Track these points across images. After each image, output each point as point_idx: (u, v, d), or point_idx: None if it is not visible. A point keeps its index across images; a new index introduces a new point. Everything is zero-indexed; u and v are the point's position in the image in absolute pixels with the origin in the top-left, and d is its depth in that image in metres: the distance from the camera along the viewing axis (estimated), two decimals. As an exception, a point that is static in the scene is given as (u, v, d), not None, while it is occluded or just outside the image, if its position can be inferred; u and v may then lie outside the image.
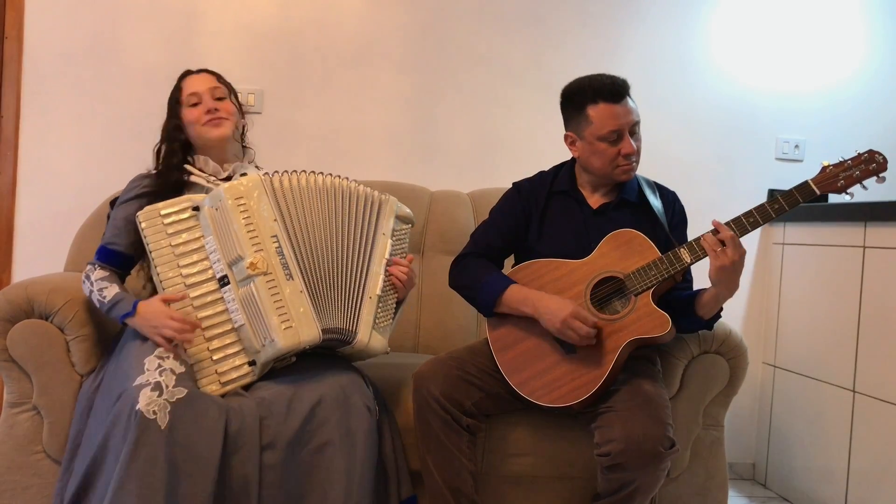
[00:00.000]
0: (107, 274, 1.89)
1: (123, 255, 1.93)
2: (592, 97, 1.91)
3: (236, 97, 2.13)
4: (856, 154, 1.80)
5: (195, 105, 2.03)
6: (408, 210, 2.07)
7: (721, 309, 1.90)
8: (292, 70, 2.95)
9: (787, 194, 1.80)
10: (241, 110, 2.15)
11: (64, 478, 1.78)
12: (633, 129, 1.93)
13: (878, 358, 2.43)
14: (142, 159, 2.23)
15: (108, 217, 2.02)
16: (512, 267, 2.04)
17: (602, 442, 1.74)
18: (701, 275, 2.00)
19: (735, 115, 3.18)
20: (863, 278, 2.52)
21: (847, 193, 1.79)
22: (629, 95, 1.94)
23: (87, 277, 1.88)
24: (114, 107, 2.85)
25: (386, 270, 1.93)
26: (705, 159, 3.16)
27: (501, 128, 3.07)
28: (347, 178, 1.97)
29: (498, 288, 1.92)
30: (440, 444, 1.84)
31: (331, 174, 1.95)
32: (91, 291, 1.86)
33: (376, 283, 1.90)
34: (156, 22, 2.87)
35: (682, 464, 2.08)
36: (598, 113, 1.91)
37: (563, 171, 2.08)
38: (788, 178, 3.21)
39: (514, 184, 2.12)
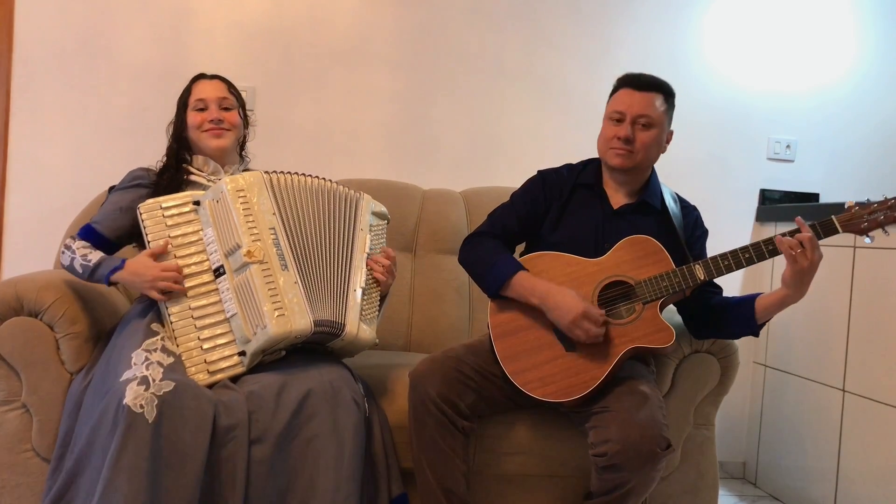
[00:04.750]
0: (89, 244, 1.92)
1: (104, 237, 1.95)
2: (621, 83, 2.00)
3: (244, 108, 2.15)
4: (883, 198, 1.76)
5: (201, 110, 2.06)
6: (382, 207, 2.12)
7: (771, 317, 1.88)
8: (284, 68, 2.94)
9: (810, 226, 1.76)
10: (247, 121, 2.18)
11: (53, 477, 1.76)
12: (639, 120, 1.93)
13: (868, 358, 2.45)
14: (133, 156, 2.22)
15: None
16: (521, 255, 2.03)
17: (598, 442, 1.73)
18: (728, 282, 1.99)
19: (727, 115, 3.19)
20: (853, 278, 2.53)
21: (868, 237, 1.76)
22: (661, 95, 1.95)
23: (68, 247, 1.91)
24: (105, 104, 2.84)
25: (367, 264, 1.98)
26: (697, 159, 3.17)
27: (494, 126, 3.07)
28: (327, 179, 2.01)
29: (508, 271, 1.91)
30: (435, 444, 1.83)
31: (315, 176, 2.00)
32: (73, 259, 1.88)
33: (360, 276, 1.95)
34: (147, 18, 2.85)
35: (673, 463, 2.08)
36: (616, 95, 1.99)
37: (592, 166, 2.08)
38: (780, 178, 3.23)
39: (539, 171, 2.11)
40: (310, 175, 1.99)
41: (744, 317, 1.87)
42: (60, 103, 2.81)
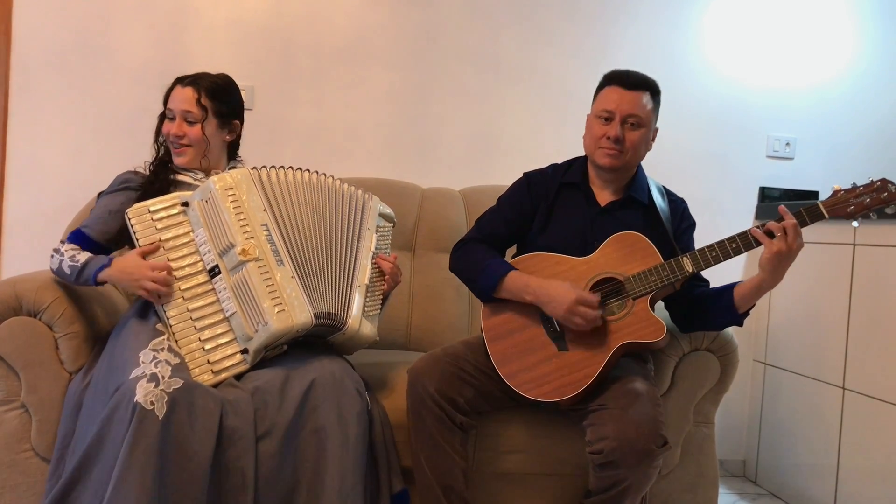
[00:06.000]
0: (77, 247, 1.91)
1: (93, 240, 1.94)
2: (608, 80, 1.98)
3: (228, 115, 2.05)
4: (869, 181, 1.76)
5: (171, 119, 2.03)
6: (389, 210, 2.13)
7: (753, 305, 1.88)
8: (283, 66, 2.94)
9: (795, 214, 1.76)
10: (231, 128, 2.08)
11: (54, 478, 1.76)
12: (628, 119, 1.93)
13: (868, 355, 2.45)
14: (131, 156, 2.21)
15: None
16: (513, 258, 2.03)
17: (594, 439, 1.74)
18: (714, 274, 1.99)
19: (726, 113, 3.19)
20: (853, 276, 2.53)
21: (856, 219, 1.76)
22: (648, 93, 1.95)
23: (57, 251, 1.90)
24: (103, 103, 2.84)
25: (373, 263, 1.98)
26: (697, 156, 3.17)
27: (493, 125, 3.06)
28: (332, 177, 2.01)
29: (499, 272, 1.92)
30: (434, 441, 1.84)
31: (315, 171, 1.99)
32: (61, 261, 1.87)
33: (364, 274, 1.96)
34: (146, 17, 2.85)
35: (673, 461, 2.08)
36: (603, 92, 1.98)
37: (577, 165, 2.08)
38: (779, 176, 3.23)
39: (525, 174, 2.11)
40: (307, 170, 1.97)
41: (725, 306, 1.87)
42: (59, 102, 2.81)
